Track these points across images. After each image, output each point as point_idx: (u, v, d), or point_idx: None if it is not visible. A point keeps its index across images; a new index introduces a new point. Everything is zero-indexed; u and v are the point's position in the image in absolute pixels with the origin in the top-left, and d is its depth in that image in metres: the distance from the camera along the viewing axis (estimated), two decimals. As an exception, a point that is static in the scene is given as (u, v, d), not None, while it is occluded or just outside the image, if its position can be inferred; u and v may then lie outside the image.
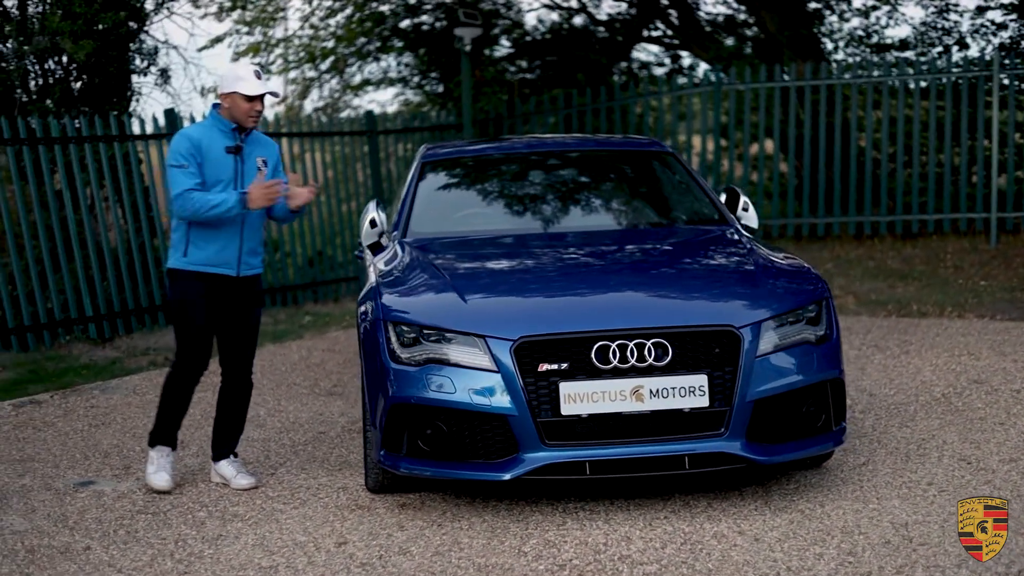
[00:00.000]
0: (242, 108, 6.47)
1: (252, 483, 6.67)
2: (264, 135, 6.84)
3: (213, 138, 6.51)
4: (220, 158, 6.50)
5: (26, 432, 8.13)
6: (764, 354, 5.89)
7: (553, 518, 5.97)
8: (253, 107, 6.48)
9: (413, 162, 8.06)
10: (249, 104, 6.47)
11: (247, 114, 6.48)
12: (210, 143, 6.49)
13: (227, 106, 6.50)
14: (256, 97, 6.48)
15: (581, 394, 5.71)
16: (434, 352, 5.91)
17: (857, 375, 8.96)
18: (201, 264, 6.49)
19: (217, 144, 6.50)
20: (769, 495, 6.21)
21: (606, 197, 7.78)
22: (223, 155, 6.51)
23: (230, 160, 6.53)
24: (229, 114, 6.51)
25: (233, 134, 6.53)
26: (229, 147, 6.52)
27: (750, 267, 6.42)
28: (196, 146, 6.45)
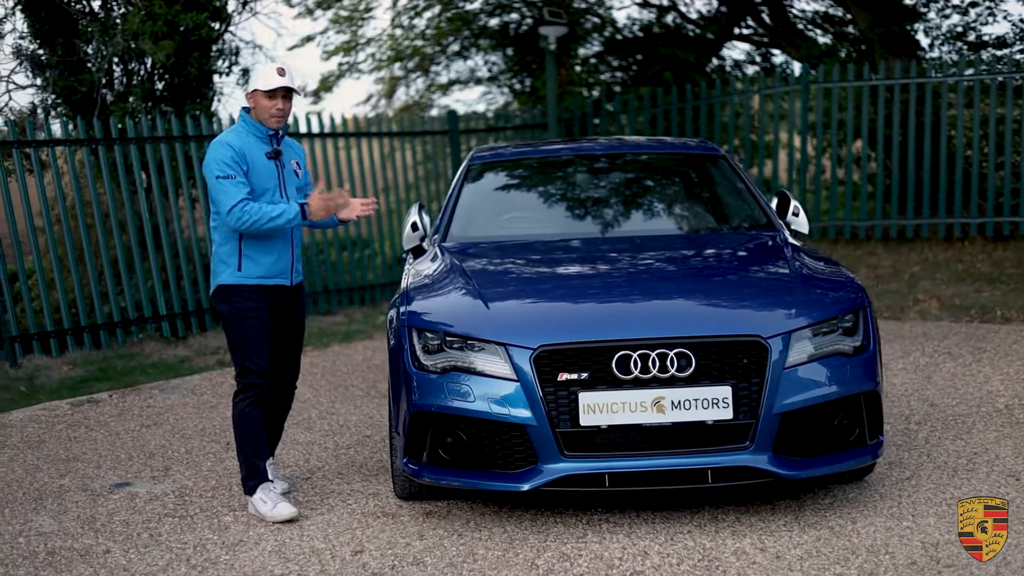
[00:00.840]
0: (264, 106, 6.23)
1: (285, 487, 6.60)
2: (290, 138, 6.62)
3: (251, 144, 6.28)
4: (264, 165, 6.28)
5: (78, 432, 8.22)
6: (794, 365, 5.71)
7: (574, 530, 5.86)
8: (274, 105, 6.22)
9: (462, 165, 8.00)
10: (270, 102, 6.22)
11: (269, 112, 6.23)
12: (250, 150, 6.25)
13: (252, 107, 6.31)
14: (276, 93, 6.22)
15: (600, 405, 5.59)
16: (456, 360, 5.84)
17: (922, 384, 8.70)
18: (259, 277, 6.27)
19: (257, 150, 6.27)
20: (801, 510, 6.03)
21: (651, 201, 7.63)
22: (265, 161, 6.29)
23: (272, 167, 6.32)
24: (256, 116, 6.30)
25: (269, 139, 6.33)
26: (269, 153, 6.31)
27: (787, 275, 6.24)
28: (240, 154, 6.20)
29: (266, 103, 6.25)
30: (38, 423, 8.46)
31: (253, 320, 6.29)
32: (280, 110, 6.27)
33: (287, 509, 6.19)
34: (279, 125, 6.31)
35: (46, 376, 10.15)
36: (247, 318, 6.29)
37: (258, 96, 6.26)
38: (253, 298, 6.29)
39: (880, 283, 13.23)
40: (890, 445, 7.15)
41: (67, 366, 10.55)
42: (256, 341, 6.30)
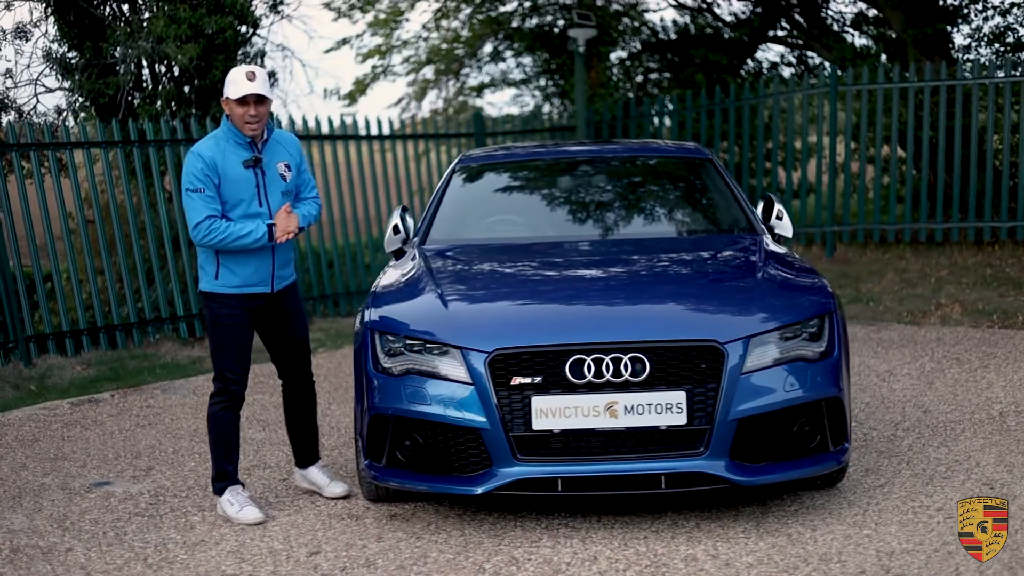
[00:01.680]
0: (236, 114, 6.06)
1: (345, 490, 6.54)
2: (286, 133, 6.45)
3: (228, 152, 6.11)
4: (239, 175, 6.12)
5: (73, 431, 8.32)
6: (752, 370, 5.66)
7: (531, 533, 5.85)
8: (246, 111, 6.04)
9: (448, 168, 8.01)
10: (242, 109, 6.04)
11: (242, 119, 6.06)
12: (225, 159, 6.09)
13: (228, 114, 6.15)
14: (248, 101, 6.04)
15: (553, 409, 5.57)
16: (415, 362, 5.85)
17: (923, 390, 8.59)
18: (235, 286, 6.21)
19: (233, 159, 6.11)
20: (765, 517, 5.97)
21: (632, 205, 7.60)
22: (241, 171, 6.13)
23: (249, 175, 6.15)
24: (233, 123, 6.16)
25: (249, 146, 6.16)
26: (247, 161, 6.13)
27: (753, 280, 6.18)
28: (211, 166, 6.05)
29: (238, 110, 6.08)
30: (36, 422, 8.57)
31: (230, 327, 6.27)
32: (253, 116, 6.09)
33: (253, 514, 6.22)
34: (254, 132, 6.14)
35: (58, 375, 10.29)
36: (224, 325, 6.28)
37: (231, 104, 6.10)
38: (230, 306, 6.25)
39: (906, 287, 13.09)
40: (871, 451, 7.08)
41: (81, 366, 10.68)
42: (232, 347, 6.29)
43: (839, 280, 13.67)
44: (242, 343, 6.33)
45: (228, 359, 6.30)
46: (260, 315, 6.40)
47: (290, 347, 6.55)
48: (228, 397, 6.33)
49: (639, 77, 19.38)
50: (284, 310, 6.47)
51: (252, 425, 8.29)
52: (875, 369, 9.38)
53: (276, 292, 6.38)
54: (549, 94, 19.62)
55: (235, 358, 6.31)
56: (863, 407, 8.17)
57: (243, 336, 6.33)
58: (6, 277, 10.57)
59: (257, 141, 6.23)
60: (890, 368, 9.39)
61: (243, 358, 6.34)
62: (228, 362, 6.30)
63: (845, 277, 13.85)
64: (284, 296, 6.46)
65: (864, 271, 14.11)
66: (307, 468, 6.67)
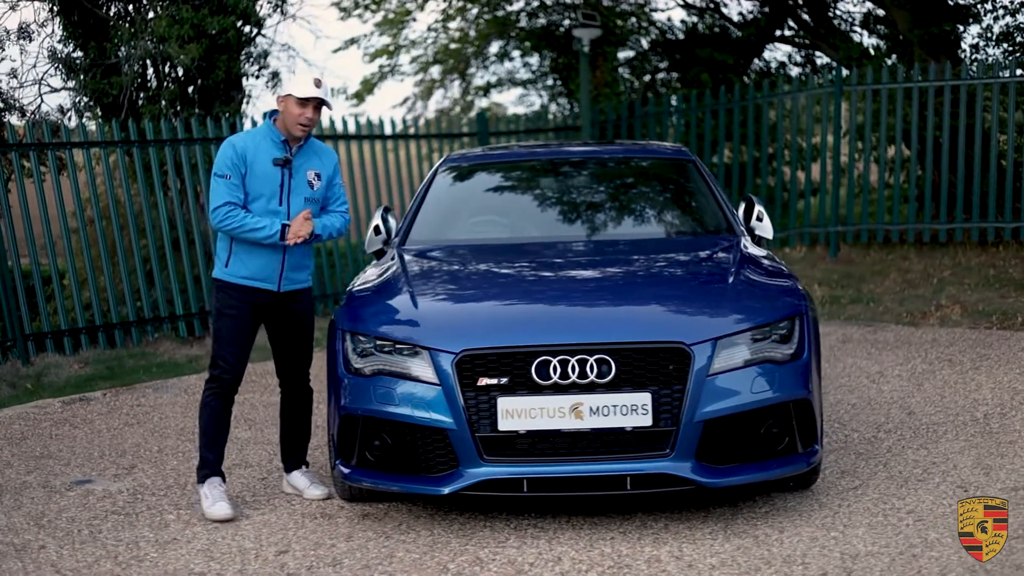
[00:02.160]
0: (293, 113, 6.21)
1: (325, 493, 6.57)
2: (323, 144, 6.60)
3: (261, 148, 6.29)
4: (266, 171, 6.28)
5: (62, 429, 8.38)
6: (719, 372, 5.67)
7: (499, 533, 5.87)
8: (304, 113, 6.20)
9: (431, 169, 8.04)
10: (300, 110, 6.20)
11: (296, 120, 6.22)
12: (256, 153, 6.27)
13: (281, 111, 6.30)
14: (309, 103, 6.21)
15: (519, 410, 5.59)
16: (385, 363, 5.88)
17: (911, 392, 8.58)
18: (242, 277, 6.32)
19: (264, 155, 6.28)
20: (734, 518, 5.98)
21: (613, 207, 7.61)
22: (270, 167, 6.28)
23: (276, 173, 6.30)
24: (282, 122, 6.31)
25: (284, 145, 6.31)
26: (277, 159, 6.29)
27: (725, 281, 6.19)
28: (241, 156, 6.24)
29: (296, 110, 6.23)
30: (26, 420, 8.64)
31: (231, 318, 6.38)
32: (309, 119, 6.26)
33: (222, 510, 6.27)
34: (303, 133, 6.32)
35: (55, 374, 10.36)
36: (225, 315, 6.40)
37: (290, 101, 6.24)
38: (235, 297, 6.37)
39: (907, 288, 13.06)
40: (850, 453, 7.08)
41: (79, 364, 10.74)
42: (229, 337, 6.39)
43: (842, 280, 13.65)
44: (240, 335, 6.40)
45: (223, 348, 6.40)
46: (266, 313, 6.49)
47: (291, 351, 6.61)
48: (219, 385, 6.42)
49: (646, 77, 19.37)
50: (291, 313, 6.53)
51: (239, 424, 8.33)
52: (866, 370, 9.37)
53: (283, 293, 6.45)
54: (555, 94, 19.64)
55: (230, 348, 6.39)
56: (848, 408, 8.17)
57: (243, 329, 6.40)
58: (4, 276, 10.65)
59: (294, 144, 6.37)
60: (881, 369, 9.38)
61: (239, 350, 6.41)
62: (223, 351, 6.40)
63: (848, 278, 13.83)
64: (292, 299, 6.52)
65: (867, 271, 14.07)
66: (291, 473, 6.72)
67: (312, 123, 6.28)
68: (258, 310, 6.43)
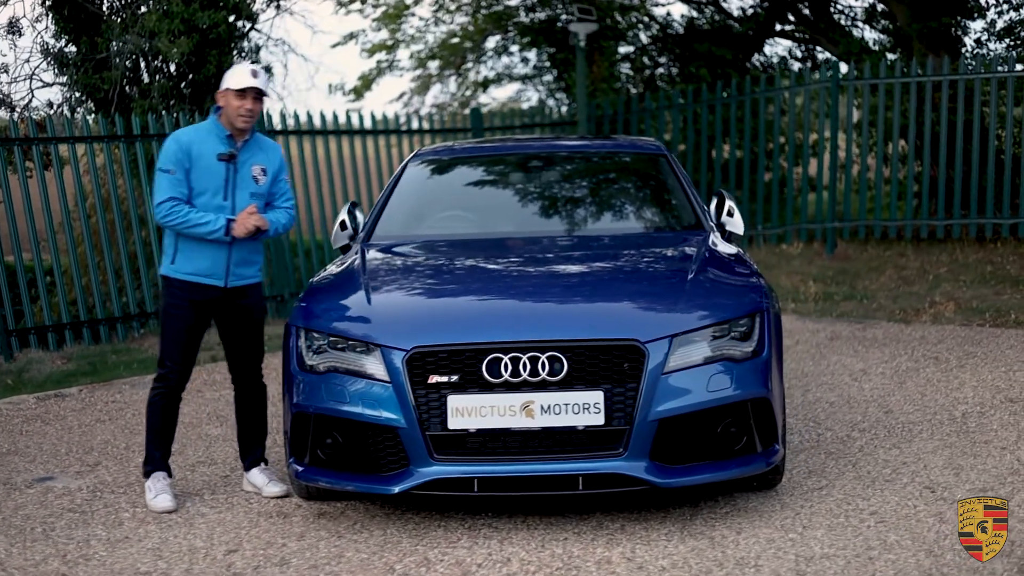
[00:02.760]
0: (233, 105, 6.20)
1: (283, 490, 6.49)
2: (269, 139, 6.57)
3: (206, 143, 6.26)
4: (210, 166, 6.25)
5: (33, 426, 8.33)
6: (674, 370, 5.57)
7: (453, 533, 5.78)
8: (243, 105, 6.19)
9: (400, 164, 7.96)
10: (239, 102, 6.19)
11: (237, 112, 6.21)
12: (201, 149, 6.24)
13: (222, 106, 6.28)
14: (247, 94, 6.19)
15: (469, 408, 5.50)
16: (337, 360, 5.80)
17: (892, 390, 8.46)
18: (188, 273, 6.30)
19: (209, 150, 6.26)
20: (693, 519, 5.88)
21: (580, 202, 7.51)
22: (214, 162, 6.26)
23: (221, 168, 6.27)
24: (226, 117, 6.28)
25: (229, 140, 6.29)
26: (222, 154, 6.26)
27: (686, 278, 6.08)
28: (185, 151, 6.22)
29: (236, 102, 6.23)
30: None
31: (176, 316, 6.36)
32: (249, 111, 6.25)
33: (163, 502, 6.30)
34: (246, 125, 6.29)
35: (36, 370, 10.30)
36: (170, 313, 6.37)
37: (229, 95, 6.24)
38: (179, 295, 6.34)
39: (903, 285, 12.93)
40: (821, 452, 6.97)
41: (62, 360, 10.69)
42: (173, 336, 6.37)
43: (837, 277, 13.53)
44: (185, 334, 6.37)
45: (170, 346, 6.38)
46: (214, 309, 6.44)
47: (242, 348, 6.56)
48: (164, 384, 6.41)
49: (646, 72, 19.24)
50: (240, 308, 6.48)
51: (211, 421, 8.28)
52: (850, 368, 9.26)
53: (231, 288, 6.41)
54: (553, 89, 19.53)
55: (175, 347, 6.37)
56: (826, 407, 8.06)
57: (188, 327, 6.37)
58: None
59: (239, 138, 6.34)
60: (866, 367, 9.26)
61: (185, 349, 6.39)
62: (170, 350, 6.38)
63: (843, 274, 13.70)
64: (241, 294, 6.47)
65: (863, 268, 13.94)
66: (250, 470, 6.65)
67: (253, 114, 6.26)
68: (205, 307, 6.39)
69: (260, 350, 6.60)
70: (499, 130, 15.32)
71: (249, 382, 6.60)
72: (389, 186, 7.61)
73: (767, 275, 13.97)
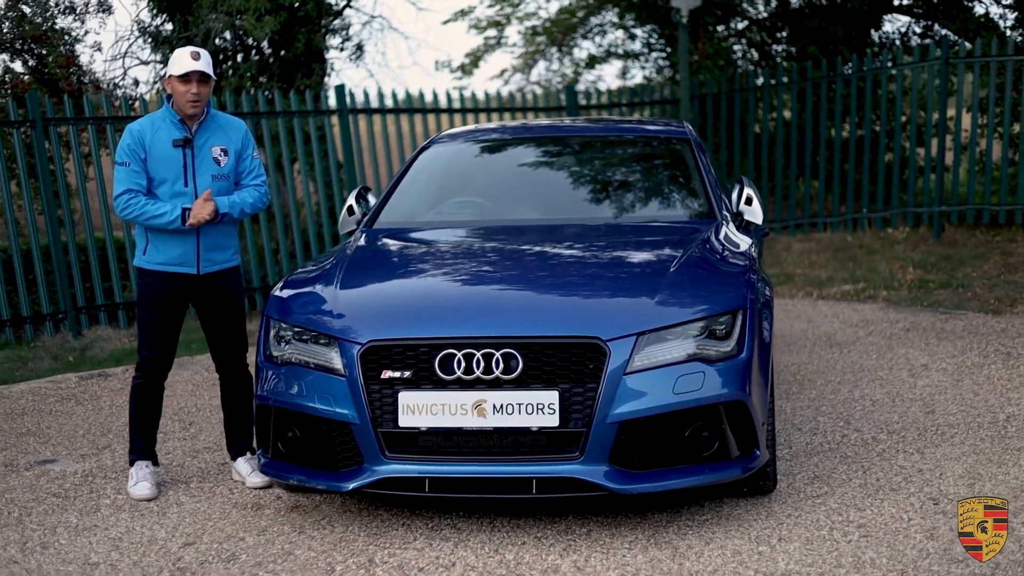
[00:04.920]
0: (179, 91, 6.14)
1: (266, 481, 6.39)
2: (232, 117, 6.48)
3: (160, 131, 6.18)
4: (166, 153, 6.17)
5: (65, 406, 8.38)
6: (638, 370, 5.28)
7: (414, 532, 5.60)
8: (189, 90, 6.10)
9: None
10: (184, 87, 6.11)
11: (184, 98, 6.14)
12: (155, 137, 6.17)
13: (169, 93, 6.22)
14: (191, 78, 6.10)
15: (420, 405, 5.30)
16: (300, 352, 5.66)
17: (946, 387, 8.00)
18: (159, 264, 6.25)
19: (163, 138, 6.18)
20: (666, 526, 5.59)
21: (591, 189, 7.22)
22: (169, 150, 6.17)
23: (177, 155, 6.18)
24: (175, 103, 6.22)
25: (182, 125, 6.20)
26: (176, 140, 6.18)
27: (666, 271, 5.76)
28: (138, 141, 6.15)
29: (180, 88, 6.16)
30: (35, 395, 8.67)
31: (151, 306, 6.31)
32: (195, 95, 6.16)
33: (142, 490, 6.28)
34: (195, 110, 6.20)
35: (100, 347, 10.42)
36: (145, 303, 6.33)
37: (173, 81, 6.18)
38: (153, 285, 6.29)
39: (1006, 273, 12.31)
40: (836, 455, 6.60)
41: (129, 338, 10.79)
42: (149, 325, 6.32)
43: (939, 264, 12.94)
44: (161, 323, 6.32)
45: (147, 337, 6.35)
46: (191, 296, 6.37)
47: (223, 334, 6.48)
48: (145, 374, 6.38)
49: (753, 50, 18.66)
50: (218, 294, 6.41)
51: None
52: (912, 362, 8.80)
53: (204, 275, 6.34)
54: (661, 67, 19.08)
55: (152, 337, 6.33)
56: (868, 405, 7.65)
57: (165, 317, 6.32)
58: (57, 249, 10.76)
59: (192, 122, 6.24)
60: (929, 362, 8.79)
61: (162, 338, 6.34)
62: (147, 340, 6.34)
63: (945, 260, 13.11)
64: (217, 279, 6.40)
65: (968, 255, 13.31)
66: (236, 460, 6.56)
67: (200, 98, 6.15)
68: (180, 295, 6.32)
69: (243, 338, 6.50)
70: (595, 108, 15.01)
71: (233, 371, 6.51)
72: (401, 171, 7.44)
73: (867, 260, 13.48)
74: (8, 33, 12.32)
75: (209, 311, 6.41)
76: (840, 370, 8.67)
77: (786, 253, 14.45)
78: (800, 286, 12.47)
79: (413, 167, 7.41)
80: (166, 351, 6.35)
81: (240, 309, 6.49)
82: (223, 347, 6.47)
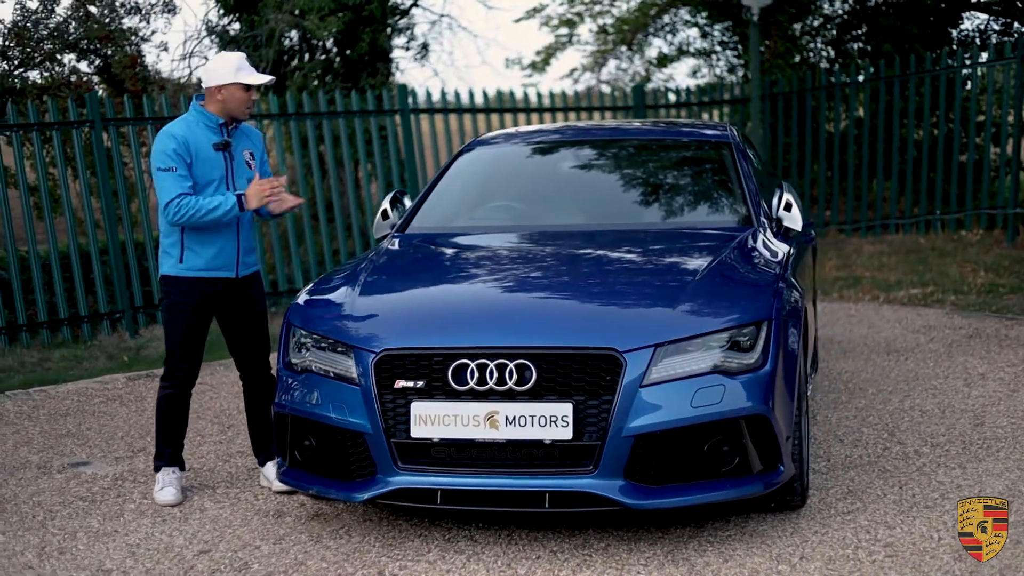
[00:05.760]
0: (239, 98, 6.15)
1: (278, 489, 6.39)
2: (250, 126, 6.52)
3: (199, 135, 6.16)
4: (210, 156, 6.17)
5: (110, 407, 8.42)
6: (656, 383, 5.15)
7: (428, 544, 5.52)
8: (250, 96, 6.19)
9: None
10: (247, 94, 6.18)
11: (244, 104, 6.18)
12: (197, 141, 6.14)
13: (221, 99, 6.17)
14: (252, 87, 6.20)
15: (433, 416, 5.21)
16: (318, 360, 5.60)
17: (1000, 398, 7.75)
18: (200, 270, 6.21)
19: (204, 141, 6.16)
20: (689, 541, 5.45)
21: (626, 194, 7.08)
22: (212, 153, 6.17)
23: (219, 158, 6.20)
24: (221, 107, 6.18)
25: (220, 129, 6.20)
26: (217, 144, 6.18)
27: (692, 281, 5.61)
28: (182, 144, 6.09)
29: (241, 95, 6.18)
30: (81, 395, 8.72)
31: (185, 314, 6.26)
32: (254, 102, 6.29)
33: (168, 495, 6.28)
34: (247, 117, 6.33)
35: (155, 347, 10.47)
36: (179, 312, 6.27)
37: (235, 88, 6.16)
38: (189, 293, 6.24)
39: (1078, 280, 11.96)
40: (875, 469, 6.41)
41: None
42: (182, 333, 6.28)
43: (1012, 267, 12.60)
44: (193, 330, 6.29)
45: (178, 345, 6.30)
46: (219, 304, 6.34)
47: (248, 340, 6.46)
48: (174, 383, 6.34)
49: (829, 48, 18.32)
50: (245, 299, 6.40)
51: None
52: (970, 371, 8.55)
53: (240, 279, 6.33)
54: (733, 66, 18.81)
55: (184, 344, 6.29)
56: (916, 416, 7.43)
57: (196, 324, 6.29)
58: (115, 248, 10.84)
59: (227, 127, 6.28)
60: (987, 371, 8.53)
61: (193, 346, 6.31)
62: (176, 346, 6.30)
63: (1019, 264, 12.77)
64: (247, 284, 6.40)
65: (1047, 259, 12.97)
66: (264, 465, 6.53)
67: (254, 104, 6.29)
68: (211, 303, 6.28)
69: (266, 342, 6.47)
70: (663, 108, 14.83)
71: (257, 375, 6.47)
72: (438, 174, 7.36)
73: (938, 263, 13.16)
74: (75, 33, 12.42)
75: (236, 317, 6.38)
76: (893, 379, 8.45)
77: (856, 255, 14.17)
78: (867, 289, 12.21)
79: (450, 170, 7.33)
80: (195, 358, 6.32)
81: (264, 314, 6.47)
82: (249, 353, 6.44)
